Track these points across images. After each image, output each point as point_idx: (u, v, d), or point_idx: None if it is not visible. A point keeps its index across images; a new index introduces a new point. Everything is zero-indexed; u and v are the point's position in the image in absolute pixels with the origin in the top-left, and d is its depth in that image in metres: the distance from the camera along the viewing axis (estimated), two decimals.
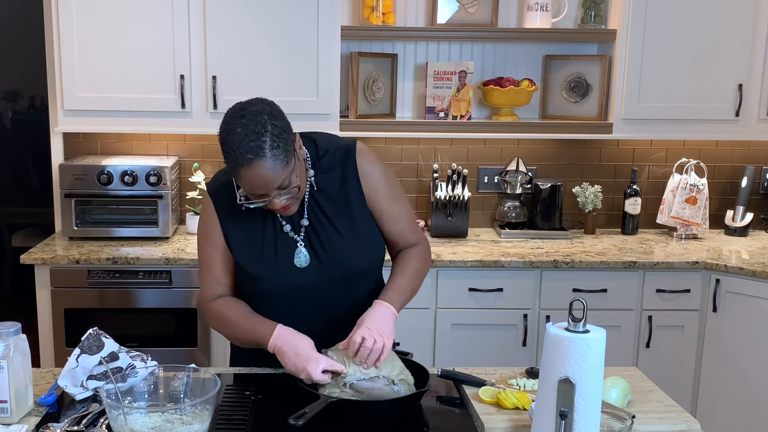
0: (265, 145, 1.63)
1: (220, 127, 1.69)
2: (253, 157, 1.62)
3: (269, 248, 1.84)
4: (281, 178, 1.67)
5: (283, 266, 1.83)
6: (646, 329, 3.21)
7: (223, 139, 1.67)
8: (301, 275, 1.84)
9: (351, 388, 1.67)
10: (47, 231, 3.59)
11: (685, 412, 1.74)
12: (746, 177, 3.64)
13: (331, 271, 1.85)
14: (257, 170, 1.64)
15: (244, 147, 1.62)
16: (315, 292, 1.85)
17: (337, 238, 1.85)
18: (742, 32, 3.32)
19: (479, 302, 3.16)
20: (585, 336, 1.36)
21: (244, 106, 1.68)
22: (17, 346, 1.60)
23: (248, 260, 1.85)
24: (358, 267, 1.88)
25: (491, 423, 1.64)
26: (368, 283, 1.94)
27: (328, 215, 1.85)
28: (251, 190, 1.69)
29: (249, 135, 1.63)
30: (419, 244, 1.98)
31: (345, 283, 1.87)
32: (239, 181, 1.69)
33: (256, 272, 1.84)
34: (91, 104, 3.20)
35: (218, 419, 1.63)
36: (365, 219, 1.89)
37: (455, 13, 3.48)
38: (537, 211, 3.56)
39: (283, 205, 1.73)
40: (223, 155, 1.68)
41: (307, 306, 1.86)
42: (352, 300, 1.89)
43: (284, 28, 3.18)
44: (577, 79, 3.54)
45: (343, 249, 1.85)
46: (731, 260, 3.19)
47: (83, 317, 3.04)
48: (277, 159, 1.64)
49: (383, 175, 1.92)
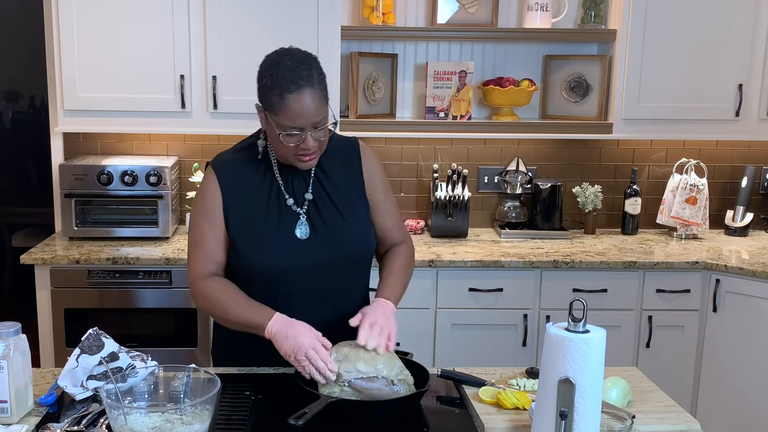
0: (314, 76, 1.74)
1: (261, 66, 1.79)
2: (304, 84, 1.71)
3: (272, 222, 1.87)
4: (321, 114, 1.75)
5: (284, 237, 1.86)
6: (646, 329, 3.21)
7: (269, 72, 1.75)
8: (300, 248, 1.86)
9: (351, 387, 1.67)
10: (47, 231, 3.59)
11: (685, 412, 1.74)
12: (746, 177, 3.64)
13: (328, 249, 1.88)
14: (306, 98, 1.72)
15: (296, 75, 1.72)
16: (310, 271, 1.87)
17: (338, 218, 1.90)
18: (742, 32, 3.32)
19: (479, 302, 3.16)
20: (585, 336, 1.37)
21: (288, 48, 1.80)
22: (17, 346, 1.60)
23: (248, 235, 1.86)
24: (355, 250, 1.92)
25: (491, 423, 1.64)
26: (359, 272, 1.97)
27: (330, 195, 1.91)
28: (293, 120, 1.73)
29: (299, 65, 1.73)
30: (406, 242, 2.07)
31: (339, 266, 1.90)
32: (282, 111, 1.73)
33: (256, 244, 1.85)
34: (91, 104, 3.20)
35: (218, 419, 1.63)
36: (363, 206, 1.96)
37: (455, 13, 3.48)
38: (537, 211, 3.56)
39: (312, 148, 1.78)
40: (264, 89, 1.76)
41: (300, 288, 1.87)
42: (344, 288, 1.93)
43: (284, 28, 3.18)
44: (577, 79, 3.54)
45: (342, 229, 1.90)
46: (731, 260, 3.19)
47: (83, 317, 3.04)
48: (322, 92, 1.76)
49: (381, 169, 2.03)
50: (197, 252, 1.90)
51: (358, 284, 1.98)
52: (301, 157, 1.80)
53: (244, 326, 1.83)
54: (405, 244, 2.06)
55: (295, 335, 1.71)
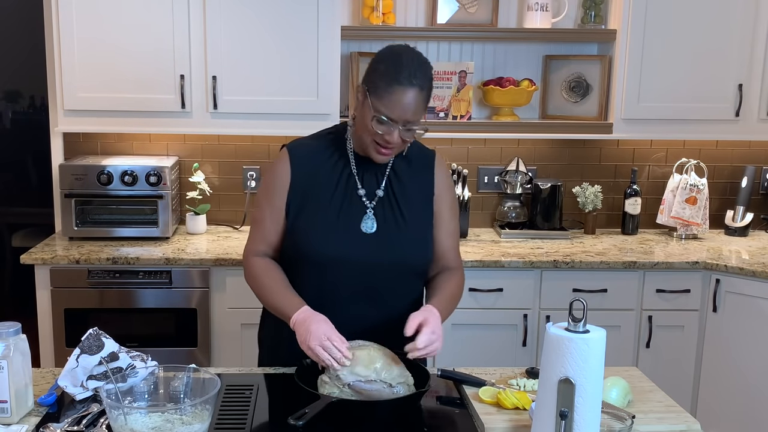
0: (426, 82, 1.80)
1: (379, 53, 1.84)
2: (416, 84, 1.77)
3: (336, 210, 1.89)
4: (418, 116, 1.81)
5: (349, 228, 1.88)
6: (646, 329, 3.21)
7: (389, 59, 1.80)
8: (362, 241, 1.87)
9: (351, 388, 1.67)
10: (47, 231, 3.59)
11: (685, 412, 1.74)
12: (746, 177, 3.64)
13: (388, 249, 1.88)
14: (412, 96, 1.77)
15: (415, 71, 1.77)
16: (364, 266, 1.87)
17: (402, 222, 1.92)
18: (742, 32, 3.32)
19: (479, 302, 3.16)
20: (585, 336, 1.37)
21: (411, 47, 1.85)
22: (17, 346, 1.60)
23: (311, 219, 1.88)
24: (413, 256, 1.93)
25: (491, 423, 1.64)
26: (412, 279, 1.97)
27: (398, 198, 1.93)
28: (391, 110, 1.77)
29: (421, 65, 1.79)
30: (460, 270, 2.06)
31: (394, 268, 1.90)
32: (386, 97, 1.77)
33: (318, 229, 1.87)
34: (91, 104, 3.20)
35: (218, 419, 1.63)
36: (428, 216, 1.97)
37: (455, 13, 3.48)
38: (537, 211, 3.56)
39: (395, 142, 1.82)
40: (377, 72, 1.79)
41: (349, 281, 1.88)
42: (394, 291, 1.92)
43: (284, 28, 3.18)
44: (577, 79, 3.54)
45: (405, 233, 1.91)
46: (731, 260, 3.19)
47: (83, 317, 3.04)
48: (426, 100, 1.81)
49: (452, 188, 2.06)
50: (254, 230, 1.97)
51: (409, 290, 1.97)
52: (379, 148, 1.83)
53: (274, 311, 1.87)
54: (459, 272, 2.05)
55: (310, 324, 1.73)
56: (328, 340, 1.69)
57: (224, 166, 3.63)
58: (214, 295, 3.11)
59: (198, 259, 3.06)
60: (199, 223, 3.48)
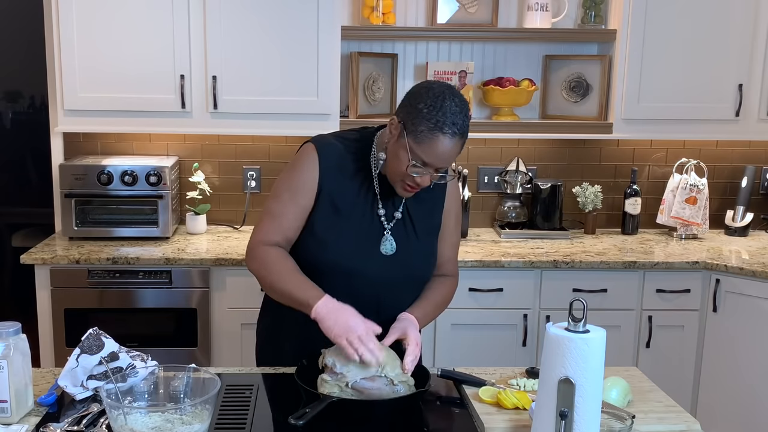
0: (466, 128, 1.76)
1: (423, 90, 1.75)
2: (458, 133, 1.73)
3: (357, 225, 1.87)
4: (452, 163, 1.81)
5: (368, 247, 1.88)
6: (646, 329, 3.21)
7: (432, 102, 1.72)
8: (383, 262, 1.88)
9: (351, 388, 1.67)
10: (47, 231, 3.59)
11: (685, 412, 1.74)
12: (746, 177, 3.64)
13: (401, 267, 1.89)
14: (452, 145, 1.73)
15: (457, 120, 1.72)
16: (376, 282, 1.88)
17: (414, 238, 1.92)
18: (742, 32, 3.32)
19: (479, 302, 3.16)
20: (585, 336, 1.37)
21: (453, 88, 1.78)
22: (17, 346, 1.60)
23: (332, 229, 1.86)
24: (422, 271, 1.96)
25: (491, 423, 1.64)
26: (416, 290, 1.98)
27: (412, 214, 1.93)
28: (429, 157, 1.74)
29: (461, 113, 1.74)
30: (454, 278, 2.07)
31: (402, 281, 1.91)
32: (425, 144, 1.73)
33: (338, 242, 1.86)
34: (91, 104, 3.20)
35: (218, 419, 1.63)
36: (437, 229, 1.98)
37: (455, 13, 3.48)
38: (537, 211, 3.56)
39: (425, 185, 1.81)
40: (418, 113, 1.72)
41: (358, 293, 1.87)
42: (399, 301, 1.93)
43: (284, 28, 3.18)
44: (577, 79, 3.54)
45: (417, 249, 1.92)
46: (731, 260, 3.19)
47: (83, 317, 3.04)
48: (462, 145, 1.78)
49: (459, 200, 2.06)
50: (270, 221, 1.88)
51: (410, 299, 1.97)
52: (407, 187, 1.82)
53: (289, 299, 1.82)
54: (453, 280, 2.07)
55: (347, 319, 1.72)
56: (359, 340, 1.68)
57: (224, 166, 3.63)
58: (214, 295, 3.11)
59: (198, 259, 3.06)
60: (199, 223, 3.48)
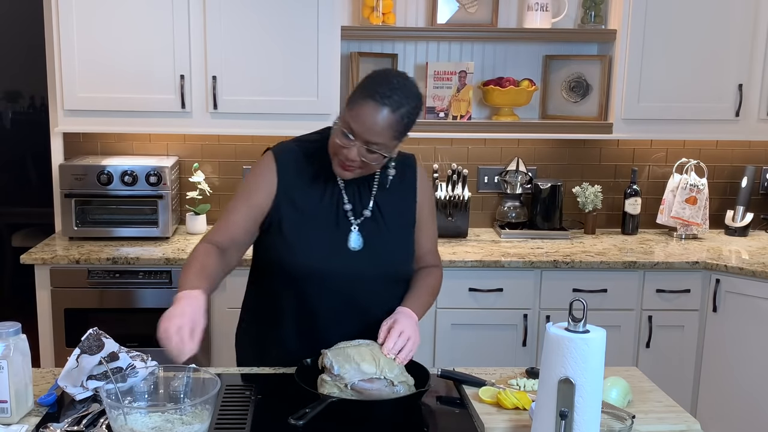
0: (402, 108, 1.73)
1: (374, 71, 1.80)
2: (388, 105, 1.71)
3: (323, 224, 1.86)
4: (380, 140, 1.74)
5: (336, 244, 1.86)
6: (646, 329, 3.21)
7: (374, 76, 1.77)
8: (349, 258, 1.86)
9: (351, 388, 1.67)
10: (47, 231, 3.59)
11: (685, 412, 1.74)
12: (746, 177, 3.64)
13: (374, 264, 1.88)
14: (378, 114, 1.70)
15: (389, 93, 1.71)
16: (349, 281, 1.86)
17: (388, 235, 1.90)
18: (742, 32, 3.32)
19: (479, 302, 3.16)
20: (585, 336, 1.36)
21: (408, 77, 1.80)
22: (17, 346, 1.60)
23: (298, 233, 1.85)
24: (399, 269, 1.94)
25: (491, 423, 1.64)
26: (396, 290, 1.96)
27: (383, 210, 1.91)
28: (354, 122, 1.72)
29: (399, 91, 1.73)
30: (439, 267, 2.08)
31: (379, 281, 1.90)
32: (354, 111, 1.73)
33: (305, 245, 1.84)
34: (91, 104, 3.20)
35: (218, 419, 1.63)
36: (412, 225, 1.97)
37: (455, 13, 3.48)
38: (537, 211, 3.56)
39: (353, 160, 1.76)
40: (359, 86, 1.76)
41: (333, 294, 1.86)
42: (377, 302, 1.91)
43: (284, 28, 3.18)
44: (577, 79, 3.54)
45: (391, 246, 1.91)
46: (731, 260, 3.19)
47: (83, 317, 3.04)
48: (396, 125, 1.73)
49: (432, 191, 2.07)
50: (219, 222, 1.91)
51: (393, 297, 1.96)
52: (340, 162, 1.79)
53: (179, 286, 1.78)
54: (438, 270, 2.07)
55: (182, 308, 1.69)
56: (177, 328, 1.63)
57: (224, 166, 3.63)
58: (214, 295, 3.10)
59: None
60: (199, 223, 3.47)
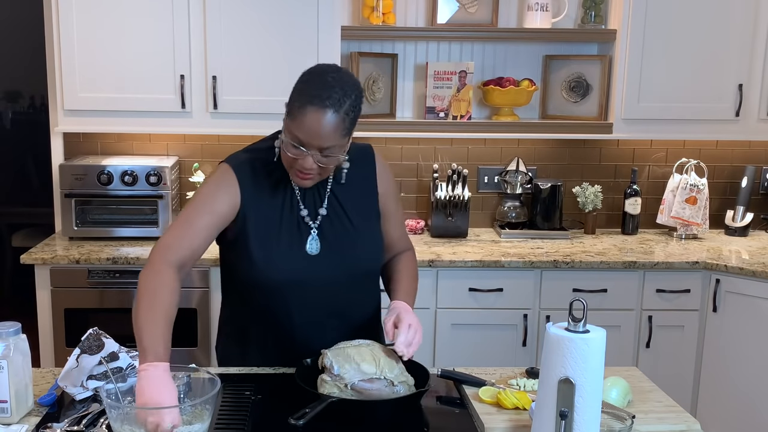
0: (344, 103, 1.65)
1: (306, 71, 1.71)
2: (330, 106, 1.64)
3: (284, 233, 1.83)
4: (333, 142, 1.68)
5: (294, 252, 1.83)
6: (646, 329, 3.21)
7: (307, 79, 1.69)
8: (310, 263, 1.83)
9: (351, 388, 1.67)
10: (47, 231, 3.59)
11: (685, 412, 1.74)
12: (746, 177, 3.64)
13: (339, 264, 1.85)
14: (323, 119, 1.64)
15: (328, 93, 1.64)
16: (320, 286, 1.84)
17: (351, 231, 1.87)
18: (742, 32, 3.32)
19: (479, 302, 3.16)
20: (585, 336, 1.36)
21: (340, 68, 1.73)
22: (17, 346, 1.60)
23: (261, 245, 1.82)
24: (366, 264, 1.91)
25: (491, 423, 1.64)
26: (370, 284, 1.96)
27: (344, 207, 1.87)
28: (301, 132, 1.66)
29: (336, 87, 1.65)
30: (411, 250, 2.08)
31: (350, 279, 1.88)
32: (297, 121, 1.66)
33: (267, 256, 1.81)
34: (91, 104, 3.20)
35: (218, 419, 1.63)
36: (376, 216, 1.93)
37: (455, 13, 3.48)
38: (537, 211, 3.56)
39: (310, 169, 1.71)
40: (295, 92, 1.68)
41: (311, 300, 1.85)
42: (355, 299, 1.91)
43: (284, 28, 3.19)
44: (577, 79, 3.54)
45: (355, 243, 1.87)
46: (731, 260, 3.19)
47: (83, 317, 3.04)
48: (343, 124, 1.67)
49: (393, 179, 2.02)
50: (178, 229, 1.76)
51: (369, 295, 1.96)
52: (298, 173, 1.73)
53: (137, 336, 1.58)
54: (411, 252, 2.06)
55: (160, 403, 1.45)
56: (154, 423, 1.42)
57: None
58: (214, 295, 3.11)
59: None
60: None
